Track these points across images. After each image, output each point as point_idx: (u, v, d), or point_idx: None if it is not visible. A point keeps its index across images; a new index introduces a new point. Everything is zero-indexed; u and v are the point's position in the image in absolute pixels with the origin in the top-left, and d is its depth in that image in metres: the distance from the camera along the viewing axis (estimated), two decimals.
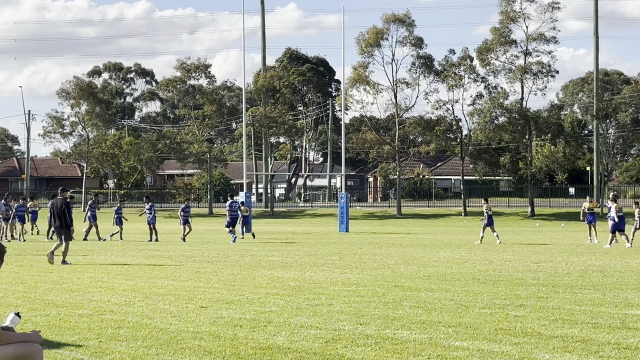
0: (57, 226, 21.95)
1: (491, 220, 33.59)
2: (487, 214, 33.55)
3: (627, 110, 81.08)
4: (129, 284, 16.23)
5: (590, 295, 14.30)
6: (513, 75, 72.29)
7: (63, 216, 21.76)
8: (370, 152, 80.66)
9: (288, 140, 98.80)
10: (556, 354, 9.00)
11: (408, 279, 17.26)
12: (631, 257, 24.45)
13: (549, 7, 71.35)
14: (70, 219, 21.90)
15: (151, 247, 30.19)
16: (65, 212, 21.77)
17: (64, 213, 21.76)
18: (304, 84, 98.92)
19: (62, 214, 21.78)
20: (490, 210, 33.88)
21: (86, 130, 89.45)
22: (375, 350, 9.16)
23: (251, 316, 11.64)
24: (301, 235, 41.41)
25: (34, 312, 12.10)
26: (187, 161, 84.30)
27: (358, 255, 25.39)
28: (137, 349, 9.26)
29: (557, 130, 73.78)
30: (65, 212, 21.77)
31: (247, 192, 50.79)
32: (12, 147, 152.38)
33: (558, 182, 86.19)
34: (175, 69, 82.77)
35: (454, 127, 76.51)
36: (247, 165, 58.03)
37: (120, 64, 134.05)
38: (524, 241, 35.36)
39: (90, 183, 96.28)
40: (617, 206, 30.36)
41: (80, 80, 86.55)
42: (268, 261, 22.48)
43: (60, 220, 21.80)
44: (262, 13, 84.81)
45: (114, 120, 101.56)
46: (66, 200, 22.20)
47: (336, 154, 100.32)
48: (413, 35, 74.52)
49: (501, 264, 21.50)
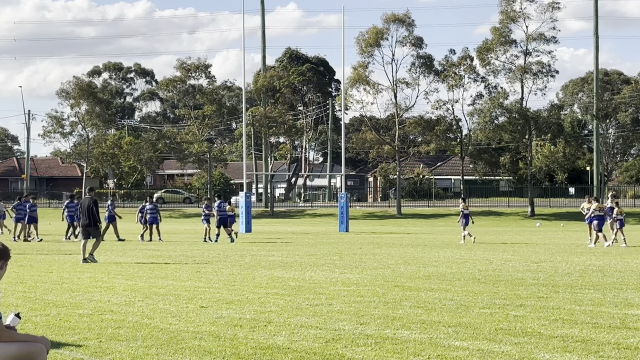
0: (85, 224, 22.70)
1: (467, 219, 33.85)
2: (463, 213, 33.86)
3: (627, 110, 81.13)
4: (129, 283, 16.23)
5: (590, 295, 14.30)
6: (513, 75, 72.29)
7: (91, 215, 22.56)
8: (370, 152, 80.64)
9: (288, 140, 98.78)
10: (556, 354, 9.00)
11: (408, 278, 17.26)
12: (631, 257, 24.45)
13: (549, 7, 71.36)
14: (97, 217, 22.76)
15: (151, 247, 30.19)
16: (92, 211, 22.58)
17: (91, 211, 22.58)
18: (304, 83, 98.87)
19: (90, 212, 22.59)
20: (467, 209, 34.15)
21: (86, 130, 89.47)
22: (375, 350, 9.16)
23: (251, 316, 11.64)
24: (301, 235, 41.40)
25: (34, 312, 12.11)
26: (187, 161, 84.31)
27: (358, 255, 25.39)
28: (137, 349, 9.26)
29: (557, 130, 73.77)
30: (93, 210, 22.60)
31: (247, 192, 50.76)
32: (12, 147, 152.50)
33: (558, 182, 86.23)
34: (175, 68, 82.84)
35: (454, 127, 76.51)
36: (247, 165, 58.02)
37: (120, 64, 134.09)
38: (524, 241, 35.35)
39: (90, 183, 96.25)
40: (598, 205, 31.05)
41: (80, 80, 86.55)
42: (268, 261, 22.48)
43: (88, 218, 22.59)
44: (262, 13, 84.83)
45: (114, 120, 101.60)
46: (94, 199, 23.09)
47: (336, 154, 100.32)
48: (413, 35, 74.53)
49: (501, 263, 21.50)
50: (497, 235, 35.94)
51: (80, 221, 23.24)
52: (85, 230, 22.75)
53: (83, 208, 22.88)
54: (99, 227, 23.03)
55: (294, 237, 38.82)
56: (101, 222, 23.43)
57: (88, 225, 22.56)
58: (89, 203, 22.71)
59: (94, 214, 22.57)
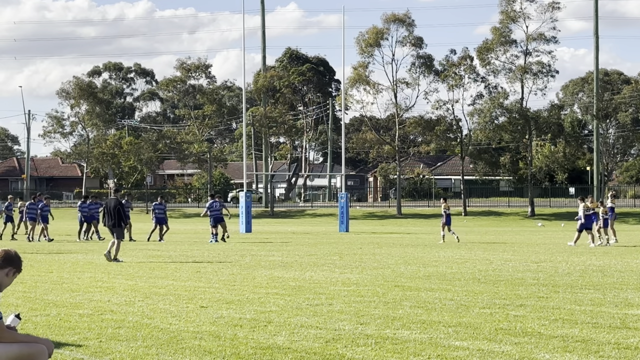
0: (111, 225, 22.89)
1: (449, 219, 34.08)
2: (445, 213, 34.10)
3: (627, 110, 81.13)
4: (129, 283, 16.23)
5: (590, 295, 14.30)
6: (513, 75, 72.27)
7: (117, 215, 22.77)
8: (370, 152, 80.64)
9: (288, 140, 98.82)
10: (556, 353, 9.00)
11: (408, 278, 17.26)
12: (631, 256, 24.45)
13: (549, 7, 71.34)
14: (126, 217, 23.35)
15: (151, 247, 30.19)
16: (119, 211, 22.81)
17: (118, 212, 22.81)
18: (304, 83, 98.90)
19: (116, 213, 22.80)
20: (448, 209, 34.36)
21: (86, 130, 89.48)
22: (375, 350, 9.16)
23: (251, 316, 11.64)
24: (301, 235, 41.40)
25: (34, 312, 12.11)
26: (187, 161, 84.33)
27: (358, 255, 25.38)
28: (137, 349, 9.26)
29: (557, 130, 73.76)
30: (120, 210, 22.85)
31: (248, 191, 50.76)
32: (12, 147, 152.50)
33: (558, 182, 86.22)
34: (175, 68, 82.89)
35: (454, 127, 76.49)
36: (247, 165, 58.03)
37: (120, 64, 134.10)
38: (524, 241, 35.36)
39: (90, 183, 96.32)
40: (585, 205, 31.11)
41: (80, 80, 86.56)
42: (268, 261, 22.48)
43: (114, 218, 22.80)
44: (262, 13, 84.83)
45: (114, 120, 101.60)
46: (119, 199, 23.45)
47: (336, 154, 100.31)
48: (413, 35, 74.51)
49: (501, 263, 21.50)
50: (497, 235, 35.92)
51: (106, 221, 23.28)
52: (111, 230, 22.93)
53: (109, 208, 22.95)
54: (123, 228, 23.26)
55: (294, 237, 38.81)
56: (128, 223, 23.58)
57: (114, 225, 22.71)
58: (115, 204, 22.88)
59: (121, 214, 22.78)
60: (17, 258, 6.83)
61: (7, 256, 6.78)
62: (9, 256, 6.79)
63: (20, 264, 6.84)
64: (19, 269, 6.83)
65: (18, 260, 6.83)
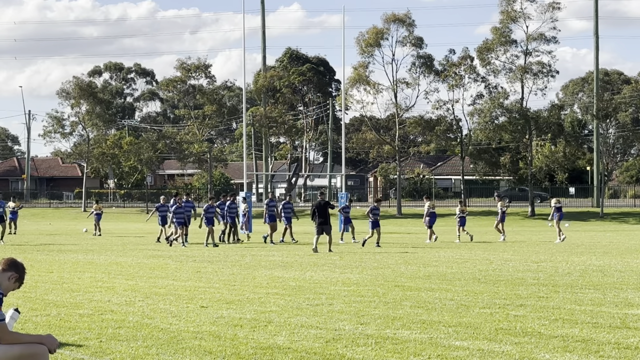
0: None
1: (433, 218, 34.57)
2: (429, 211, 34.52)
3: (627, 110, 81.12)
4: (129, 283, 16.24)
5: (590, 295, 14.30)
6: (513, 75, 72.24)
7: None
8: (370, 152, 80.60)
9: (288, 140, 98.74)
10: (556, 353, 9.00)
11: (408, 278, 17.26)
12: (631, 256, 24.45)
13: (549, 7, 71.27)
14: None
15: (151, 247, 30.19)
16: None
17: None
18: (304, 83, 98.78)
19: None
20: (433, 208, 34.55)
21: (86, 130, 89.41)
22: (375, 350, 9.16)
23: (251, 316, 11.64)
24: (301, 235, 41.39)
25: (34, 312, 12.11)
26: (187, 161, 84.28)
27: (358, 255, 25.39)
28: (137, 349, 9.26)
29: (557, 130, 73.74)
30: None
31: (248, 191, 50.73)
32: (12, 147, 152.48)
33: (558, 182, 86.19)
34: (175, 68, 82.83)
35: (454, 127, 76.46)
36: (247, 165, 57.99)
37: (120, 64, 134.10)
38: (524, 241, 35.36)
39: (91, 183, 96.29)
40: (502, 203, 35.80)
41: (80, 80, 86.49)
42: (268, 261, 22.49)
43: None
44: (262, 13, 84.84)
45: (114, 120, 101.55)
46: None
47: (336, 154, 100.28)
48: (413, 35, 74.45)
49: (501, 263, 21.50)
50: (497, 235, 36.06)
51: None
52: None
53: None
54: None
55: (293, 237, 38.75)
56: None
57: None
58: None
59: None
60: (22, 267, 7.13)
61: (12, 262, 7.05)
62: (14, 262, 7.06)
63: (23, 273, 7.07)
64: (21, 278, 7.06)
65: (22, 270, 7.10)
